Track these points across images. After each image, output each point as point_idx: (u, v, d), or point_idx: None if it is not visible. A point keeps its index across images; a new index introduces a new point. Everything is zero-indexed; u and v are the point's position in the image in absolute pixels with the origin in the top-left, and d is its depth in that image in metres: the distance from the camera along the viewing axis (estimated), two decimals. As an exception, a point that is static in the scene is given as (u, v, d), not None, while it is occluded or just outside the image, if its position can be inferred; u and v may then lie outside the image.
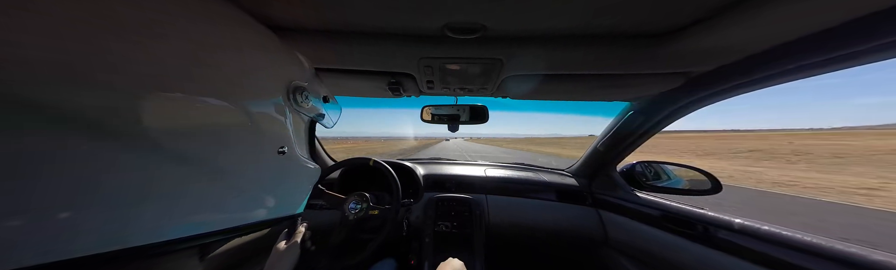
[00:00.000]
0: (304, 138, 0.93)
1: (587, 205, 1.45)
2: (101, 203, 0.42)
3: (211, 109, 0.54)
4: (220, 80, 0.55)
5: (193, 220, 0.58)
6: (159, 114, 0.46)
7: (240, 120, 0.60)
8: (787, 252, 0.72)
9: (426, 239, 1.41)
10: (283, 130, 0.75)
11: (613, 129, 1.31)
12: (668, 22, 0.67)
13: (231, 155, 0.61)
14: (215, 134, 0.56)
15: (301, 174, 0.89)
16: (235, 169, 0.63)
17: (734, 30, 0.63)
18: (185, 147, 0.51)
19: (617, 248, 1.31)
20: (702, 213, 0.98)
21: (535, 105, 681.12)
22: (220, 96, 0.55)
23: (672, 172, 1.33)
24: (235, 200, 0.66)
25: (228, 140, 0.59)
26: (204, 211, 0.60)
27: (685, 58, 0.80)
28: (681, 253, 0.98)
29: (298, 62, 0.80)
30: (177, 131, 0.49)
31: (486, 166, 1.79)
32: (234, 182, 0.63)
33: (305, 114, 0.83)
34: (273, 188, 0.78)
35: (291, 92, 0.73)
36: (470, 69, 0.96)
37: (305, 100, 0.78)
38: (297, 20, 0.71)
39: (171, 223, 0.53)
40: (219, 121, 0.56)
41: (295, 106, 0.75)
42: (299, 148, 0.85)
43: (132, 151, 0.44)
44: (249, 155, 0.66)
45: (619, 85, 1.04)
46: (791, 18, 0.57)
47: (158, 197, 0.49)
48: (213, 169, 0.57)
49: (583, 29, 0.70)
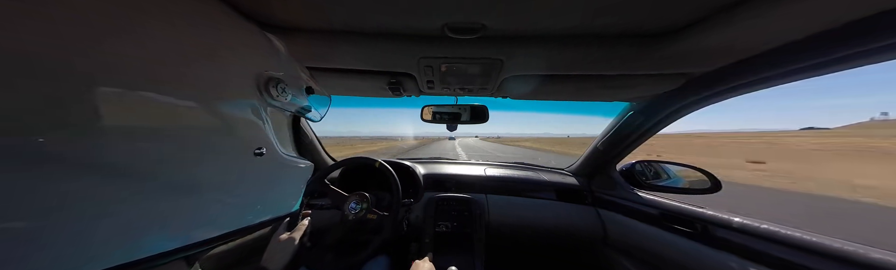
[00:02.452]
0: (289, 135, 0.87)
1: (587, 204, 1.46)
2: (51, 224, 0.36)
3: (152, 110, 0.44)
4: (159, 70, 0.44)
5: (167, 237, 0.50)
6: (86, 121, 0.37)
7: (194, 121, 0.50)
8: (785, 250, 0.73)
9: (426, 239, 1.41)
10: (257, 129, 0.66)
11: (613, 129, 1.32)
12: (669, 22, 0.67)
13: (195, 164, 0.52)
14: (168, 139, 0.47)
15: (289, 174, 0.82)
16: (205, 178, 0.54)
17: (734, 30, 0.63)
18: (132, 158, 0.42)
19: (616, 247, 1.31)
20: (701, 212, 0.99)
21: (537, 104, 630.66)
22: (160, 91, 0.44)
23: (671, 171, 1.34)
24: (215, 211, 0.58)
25: (186, 146, 0.50)
26: (175, 227, 0.51)
27: (685, 59, 0.80)
28: (680, 252, 0.98)
29: (269, 47, 0.69)
30: (119, 140, 0.40)
31: (486, 166, 1.79)
32: (207, 193, 0.55)
33: (284, 109, 0.75)
34: (258, 192, 0.71)
35: (263, 84, 0.64)
36: (470, 69, 0.96)
37: (282, 93, 0.68)
38: (297, 20, 0.71)
39: (138, 242, 0.45)
40: (168, 125, 0.46)
41: (269, 100, 0.66)
42: (282, 147, 0.77)
43: (65, 169, 0.36)
44: (219, 162, 0.57)
45: (619, 85, 1.04)
46: (791, 19, 0.57)
47: (108, 219, 0.41)
48: (175, 182, 0.49)
49: (583, 29, 0.70)
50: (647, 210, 1.18)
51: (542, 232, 1.46)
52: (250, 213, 0.68)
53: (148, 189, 0.45)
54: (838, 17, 0.55)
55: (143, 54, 0.41)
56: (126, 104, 0.40)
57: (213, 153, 0.56)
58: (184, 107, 0.48)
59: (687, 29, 0.68)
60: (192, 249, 0.55)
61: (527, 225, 1.46)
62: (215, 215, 0.59)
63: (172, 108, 0.46)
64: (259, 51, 0.67)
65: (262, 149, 0.67)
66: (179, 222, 0.52)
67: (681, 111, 1.05)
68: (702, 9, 0.60)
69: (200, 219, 0.56)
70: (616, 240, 1.31)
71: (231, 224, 0.63)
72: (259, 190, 0.72)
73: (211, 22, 0.53)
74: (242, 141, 0.64)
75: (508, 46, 0.79)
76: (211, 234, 0.58)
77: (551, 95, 1.27)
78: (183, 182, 0.50)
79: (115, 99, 0.39)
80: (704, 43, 0.70)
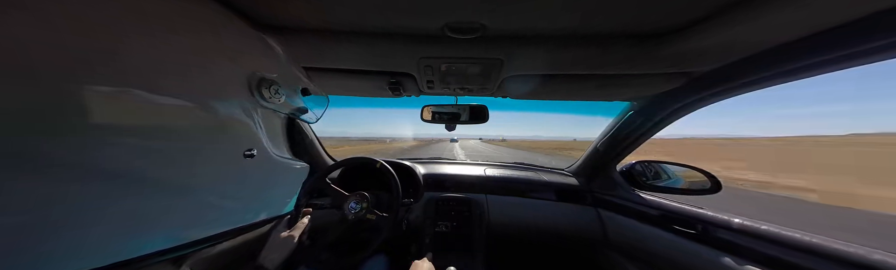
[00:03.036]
0: (282, 136, 0.86)
1: (587, 205, 1.45)
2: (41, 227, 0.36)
3: (139, 111, 0.43)
4: (149, 71, 0.43)
5: (155, 237, 0.49)
6: (76, 122, 0.36)
7: (182, 122, 0.50)
8: (785, 251, 0.73)
9: (426, 240, 1.41)
10: (247, 130, 0.66)
11: (613, 129, 1.32)
12: (669, 22, 0.67)
13: (183, 165, 0.51)
14: (155, 140, 0.46)
15: (282, 175, 0.82)
16: (194, 180, 0.54)
17: (734, 30, 0.63)
18: (119, 159, 0.41)
19: (616, 247, 1.31)
20: (701, 212, 0.99)
21: (538, 105, 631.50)
22: (151, 91, 0.43)
23: (672, 172, 1.33)
24: (205, 212, 0.58)
25: (173, 147, 0.49)
26: (163, 228, 0.51)
27: (686, 58, 0.80)
28: (680, 252, 0.98)
29: (263, 48, 0.68)
30: (106, 141, 0.39)
31: (486, 166, 1.79)
32: (196, 195, 0.54)
33: (278, 111, 0.75)
34: (249, 194, 0.70)
35: (256, 85, 0.63)
36: (470, 69, 0.96)
37: (275, 94, 0.68)
38: (296, 20, 0.71)
39: (125, 242, 0.45)
40: (155, 126, 0.46)
41: (262, 101, 0.65)
42: (276, 148, 0.77)
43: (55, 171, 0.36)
44: (207, 163, 0.56)
45: (619, 85, 1.04)
46: (791, 18, 0.57)
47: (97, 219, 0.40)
48: (164, 183, 0.48)
49: (583, 29, 0.70)
50: (647, 210, 1.17)
51: (542, 233, 1.45)
52: (242, 214, 0.67)
53: (134, 189, 0.45)
54: (838, 17, 0.55)
55: (131, 55, 0.40)
56: (114, 105, 0.40)
57: (202, 154, 0.55)
58: (172, 109, 0.47)
59: (687, 29, 0.68)
60: (182, 249, 0.54)
61: (526, 226, 1.46)
62: (205, 216, 0.59)
63: (159, 110, 0.45)
64: (252, 51, 0.66)
65: (252, 151, 0.66)
66: (167, 222, 0.51)
67: (681, 111, 1.05)
68: (702, 9, 0.60)
69: (189, 220, 0.56)
70: (616, 241, 1.30)
71: (221, 224, 0.62)
72: (250, 192, 0.71)
73: (204, 23, 0.52)
74: (232, 143, 0.63)
75: (508, 46, 0.79)
76: (201, 235, 0.57)
77: (551, 95, 1.27)
78: (172, 183, 0.50)
79: (104, 100, 0.39)
80: (704, 43, 0.70)
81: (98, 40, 0.37)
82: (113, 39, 0.39)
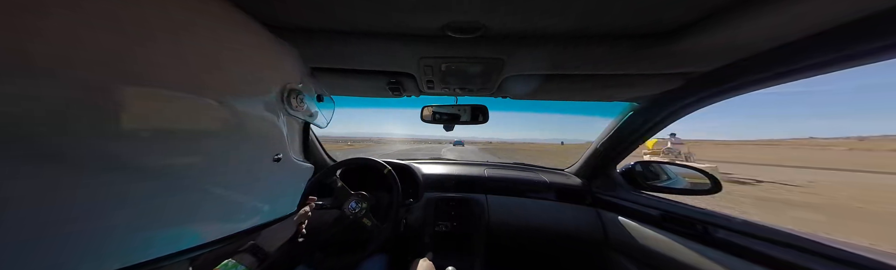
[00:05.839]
0: (299, 141, 0.89)
1: (587, 205, 1.45)
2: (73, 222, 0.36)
3: (200, 118, 0.47)
4: (214, 85, 0.48)
5: (177, 236, 0.51)
6: (140, 120, 0.39)
7: (233, 130, 0.54)
8: (786, 252, 0.72)
9: (426, 239, 1.41)
10: (279, 136, 0.69)
11: (614, 129, 1.32)
12: (669, 22, 0.67)
13: (225, 168, 0.54)
14: (205, 144, 0.49)
15: (294, 176, 0.85)
16: (229, 181, 0.57)
17: (735, 30, 0.63)
18: (170, 160, 0.44)
19: (616, 247, 1.31)
20: (701, 213, 0.99)
21: (539, 105, 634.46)
22: (213, 102, 0.48)
23: (671, 172, 1.34)
24: (228, 212, 0.60)
25: (221, 151, 0.52)
26: (192, 226, 0.53)
27: (686, 59, 0.80)
28: (680, 252, 0.98)
29: (295, 62, 0.74)
30: (162, 142, 0.42)
31: (486, 166, 1.79)
32: (227, 195, 0.57)
33: (299, 117, 0.78)
34: (267, 195, 0.73)
35: (286, 95, 0.68)
36: (470, 69, 0.96)
37: (300, 103, 0.72)
38: (296, 20, 0.71)
39: (151, 241, 0.47)
40: (209, 131, 0.49)
41: (290, 110, 0.69)
42: (293, 152, 0.80)
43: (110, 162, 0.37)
44: (244, 168, 0.60)
45: (619, 85, 1.04)
46: (791, 19, 0.57)
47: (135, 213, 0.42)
48: (201, 184, 0.51)
49: (584, 29, 0.70)
50: (647, 210, 1.17)
51: (542, 233, 1.45)
52: (259, 214, 0.69)
53: (173, 189, 0.46)
54: (838, 17, 0.55)
55: (177, 61, 0.43)
56: (157, 108, 0.42)
57: (238, 158, 0.58)
58: (216, 113, 0.49)
59: (687, 29, 0.68)
60: (195, 251, 0.55)
61: (526, 226, 1.46)
62: (228, 216, 0.61)
63: (203, 113, 0.47)
64: (289, 65, 0.69)
65: (279, 155, 0.69)
66: (194, 222, 0.53)
67: (681, 111, 1.05)
68: (702, 9, 0.60)
69: (214, 220, 0.57)
70: (616, 241, 1.30)
71: (240, 225, 0.64)
72: (270, 193, 0.73)
73: (239, 30, 0.55)
74: (267, 148, 0.66)
75: (509, 46, 0.79)
76: (218, 235, 0.59)
77: (552, 95, 1.27)
78: (206, 185, 0.52)
79: (147, 103, 0.41)
80: (704, 43, 0.70)
81: (156, 44, 0.39)
82: (169, 42, 0.41)
